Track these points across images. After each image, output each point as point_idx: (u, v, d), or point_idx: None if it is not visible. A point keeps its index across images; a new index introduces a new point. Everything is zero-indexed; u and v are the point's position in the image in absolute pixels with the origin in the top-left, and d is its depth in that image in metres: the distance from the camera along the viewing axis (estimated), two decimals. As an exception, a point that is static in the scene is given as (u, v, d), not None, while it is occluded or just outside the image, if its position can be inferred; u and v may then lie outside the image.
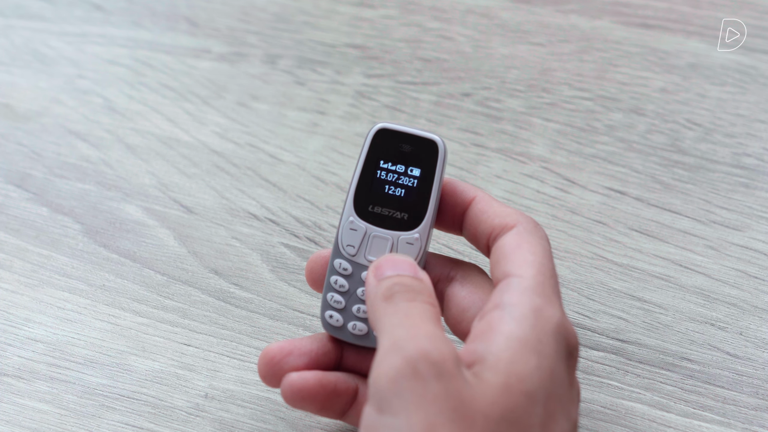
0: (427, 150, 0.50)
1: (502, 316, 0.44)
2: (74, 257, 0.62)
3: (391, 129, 0.50)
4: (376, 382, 0.42)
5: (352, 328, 0.50)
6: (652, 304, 0.60)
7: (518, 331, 0.43)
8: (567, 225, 0.64)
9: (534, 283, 0.45)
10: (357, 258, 0.50)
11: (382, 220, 0.50)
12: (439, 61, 0.74)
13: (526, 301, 0.44)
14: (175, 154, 0.68)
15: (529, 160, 0.68)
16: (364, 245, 0.50)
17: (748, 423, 0.55)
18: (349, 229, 0.50)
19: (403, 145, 0.50)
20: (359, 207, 0.50)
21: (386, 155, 0.50)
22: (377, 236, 0.50)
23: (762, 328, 0.59)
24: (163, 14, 0.78)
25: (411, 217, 0.50)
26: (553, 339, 0.44)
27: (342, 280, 0.50)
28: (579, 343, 0.46)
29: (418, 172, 0.50)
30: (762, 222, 0.64)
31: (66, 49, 0.75)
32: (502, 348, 0.43)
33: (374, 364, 0.43)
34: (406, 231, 0.50)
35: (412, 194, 0.50)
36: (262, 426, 0.54)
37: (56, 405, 0.55)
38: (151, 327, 0.58)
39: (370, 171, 0.50)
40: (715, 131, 0.69)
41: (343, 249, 0.50)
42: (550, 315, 0.44)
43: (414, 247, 0.50)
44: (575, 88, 0.72)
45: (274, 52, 0.75)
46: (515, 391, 0.42)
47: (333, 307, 0.50)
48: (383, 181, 0.50)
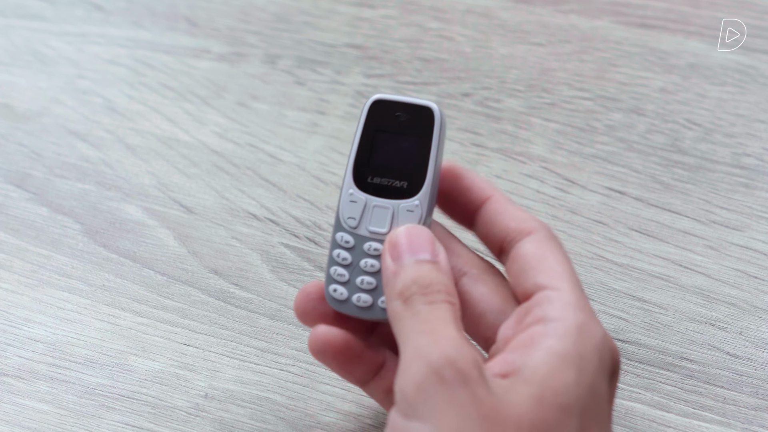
0: (423, 117, 0.49)
1: (545, 331, 0.43)
2: (74, 257, 0.62)
3: (386, 99, 0.50)
4: (403, 390, 0.42)
5: (356, 300, 0.49)
6: (652, 304, 0.60)
7: (560, 346, 0.43)
8: (567, 225, 0.64)
9: (574, 298, 0.45)
10: (359, 230, 0.50)
11: (381, 190, 0.49)
12: (439, 61, 0.74)
13: (570, 316, 0.44)
14: (175, 154, 0.68)
15: (529, 160, 0.68)
16: (366, 216, 0.49)
17: (748, 423, 0.55)
18: (349, 201, 0.50)
19: (399, 114, 0.50)
20: (358, 178, 0.50)
21: (383, 125, 0.50)
22: (378, 206, 0.49)
23: (762, 328, 0.59)
24: (163, 14, 0.78)
25: (410, 184, 0.49)
26: (596, 356, 0.43)
27: (345, 254, 0.50)
28: (620, 360, 0.46)
29: (415, 139, 0.49)
30: (762, 222, 0.64)
31: (66, 49, 0.75)
32: (540, 362, 0.42)
33: (399, 372, 0.43)
34: (406, 199, 0.49)
35: (411, 162, 0.49)
36: (262, 426, 0.54)
37: (56, 405, 0.55)
38: (151, 327, 0.58)
39: (367, 142, 0.50)
40: (715, 131, 0.69)
41: (344, 222, 0.50)
42: (594, 332, 0.44)
43: (414, 214, 0.49)
44: (575, 88, 0.72)
45: (274, 52, 0.75)
46: (549, 403, 0.41)
47: (336, 281, 0.50)
48: (381, 151, 0.50)
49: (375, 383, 0.49)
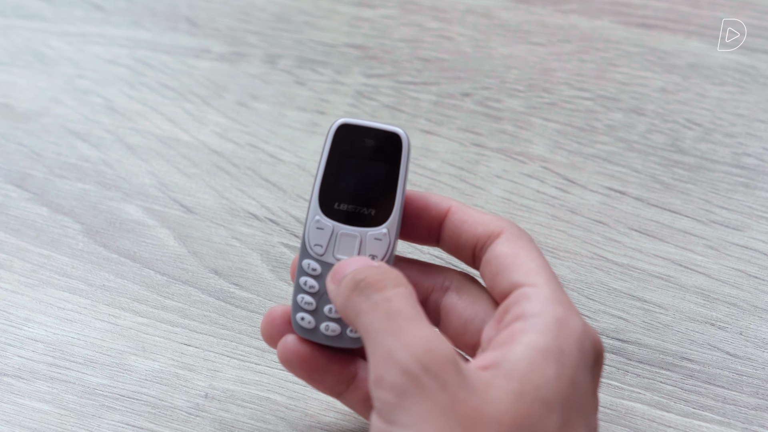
0: (390, 143, 0.49)
1: (525, 327, 0.44)
2: (74, 257, 0.62)
3: (352, 124, 0.49)
4: (380, 397, 0.42)
5: (324, 329, 0.49)
6: (652, 304, 0.60)
7: (539, 341, 0.43)
8: (567, 225, 0.64)
9: (551, 292, 0.45)
10: (325, 257, 0.49)
11: (348, 217, 0.49)
12: (439, 61, 0.74)
13: (548, 311, 0.44)
14: (175, 154, 0.68)
15: (529, 160, 0.68)
16: (332, 244, 0.49)
17: (748, 423, 0.55)
18: (315, 228, 0.49)
19: (365, 139, 0.49)
20: (325, 205, 0.49)
21: (349, 151, 0.49)
22: (345, 234, 0.49)
23: (762, 328, 0.59)
24: (163, 14, 0.78)
25: (378, 212, 0.49)
26: (576, 348, 0.43)
27: (312, 281, 0.49)
28: (604, 349, 0.46)
29: (382, 166, 0.49)
30: (762, 222, 0.64)
31: (66, 49, 0.75)
32: (520, 357, 0.42)
33: (371, 376, 0.42)
34: (374, 227, 0.49)
35: (378, 189, 0.49)
36: (262, 426, 0.54)
37: (56, 405, 0.55)
38: (151, 327, 0.58)
39: (333, 168, 0.49)
40: (715, 131, 0.69)
41: (311, 249, 0.49)
42: (574, 324, 0.44)
43: (383, 242, 0.49)
44: (575, 88, 0.72)
45: (274, 52, 0.75)
46: (530, 398, 0.41)
47: (304, 309, 0.49)
48: (347, 178, 0.49)
49: (350, 394, 0.49)
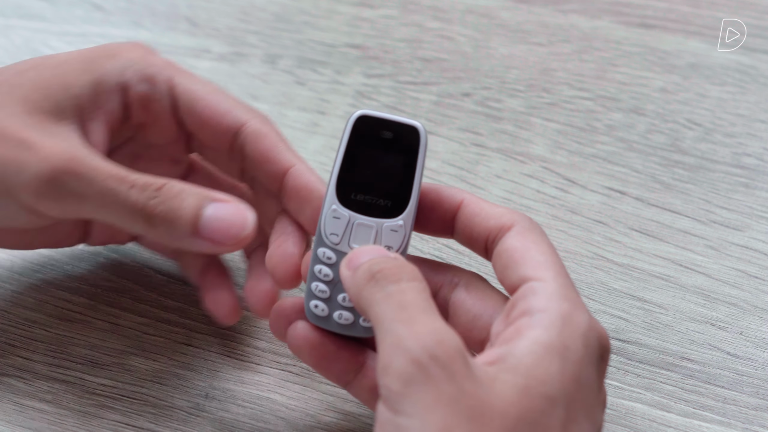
0: (408, 136, 0.49)
1: (530, 322, 0.44)
2: (75, 257, 0.62)
3: (371, 116, 0.50)
4: (387, 386, 0.42)
5: (338, 317, 0.49)
6: (652, 304, 0.60)
7: (544, 336, 0.43)
8: (567, 225, 0.64)
9: (557, 286, 0.45)
10: (341, 246, 0.49)
11: (365, 208, 0.49)
12: (439, 61, 0.74)
13: (554, 306, 0.44)
14: (175, 154, 0.68)
15: (529, 160, 0.68)
16: (348, 233, 0.49)
17: (748, 423, 0.55)
18: (332, 217, 0.49)
19: (384, 131, 0.49)
20: (342, 195, 0.49)
21: (367, 142, 0.49)
22: (361, 224, 0.49)
23: (762, 328, 0.59)
24: (163, 14, 0.78)
25: (395, 204, 0.49)
26: (581, 344, 0.43)
27: (326, 269, 0.49)
28: (610, 345, 0.46)
29: (400, 158, 0.49)
30: (762, 222, 0.64)
31: (66, 49, 0.75)
32: (525, 352, 0.43)
33: (379, 363, 0.43)
34: (390, 218, 0.49)
35: (395, 181, 0.49)
36: (262, 426, 0.54)
37: (56, 405, 0.55)
38: (151, 327, 0.58)
39: (351, 158, 0.49)
40: (715, 131, 0.69)
41: (327, 237, 0.49)
42: (580, 320, 0.44)
43: (398, 234, 0.49)
44: (575, 88, 0.72)
45: (274, 52, 0.75)
46: (534, 393, 0.42)
47: (318, 297, 0.50)
48: (365, 168, 0.49)
49: (358, 383, 0.50)
